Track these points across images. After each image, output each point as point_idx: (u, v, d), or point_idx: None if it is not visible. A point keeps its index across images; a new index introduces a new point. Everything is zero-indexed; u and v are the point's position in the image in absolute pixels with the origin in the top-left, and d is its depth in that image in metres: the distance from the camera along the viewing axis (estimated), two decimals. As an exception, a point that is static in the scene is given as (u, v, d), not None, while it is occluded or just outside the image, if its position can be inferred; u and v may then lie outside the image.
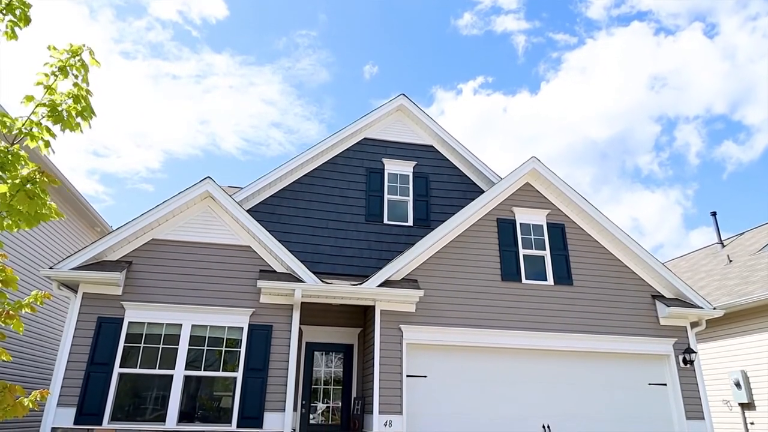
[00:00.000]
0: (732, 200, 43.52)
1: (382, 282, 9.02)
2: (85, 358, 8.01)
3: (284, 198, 11.11)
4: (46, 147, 3.05)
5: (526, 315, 9.59)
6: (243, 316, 8.70)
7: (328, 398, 10.13)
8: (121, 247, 8.73)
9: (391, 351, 8.82)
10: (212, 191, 9.13)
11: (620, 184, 51.93)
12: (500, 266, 9.89)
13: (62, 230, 11.99)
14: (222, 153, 47.24)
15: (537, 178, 10.69)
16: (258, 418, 8.16)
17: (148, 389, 8.27)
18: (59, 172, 10.65)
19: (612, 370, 9.73)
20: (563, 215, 10.61)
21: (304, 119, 48.40)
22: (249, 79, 44.54)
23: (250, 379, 8.36)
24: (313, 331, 10.22)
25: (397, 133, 12.27)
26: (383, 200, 11.53)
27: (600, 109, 45.35)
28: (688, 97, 43.02)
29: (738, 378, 12.25)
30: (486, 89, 48.73)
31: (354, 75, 45.21)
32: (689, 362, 9.72)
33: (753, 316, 12.29)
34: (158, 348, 8.34)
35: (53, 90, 3.12)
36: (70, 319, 8.23)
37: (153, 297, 8.55)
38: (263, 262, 9.11)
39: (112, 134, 42.99)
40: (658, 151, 47.09)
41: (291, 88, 45.32)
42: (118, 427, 7.78)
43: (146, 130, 44.26)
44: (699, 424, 9.41)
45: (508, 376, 9.34)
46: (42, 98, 3.09)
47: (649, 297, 10.23)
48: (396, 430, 8.34)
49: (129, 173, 44.91)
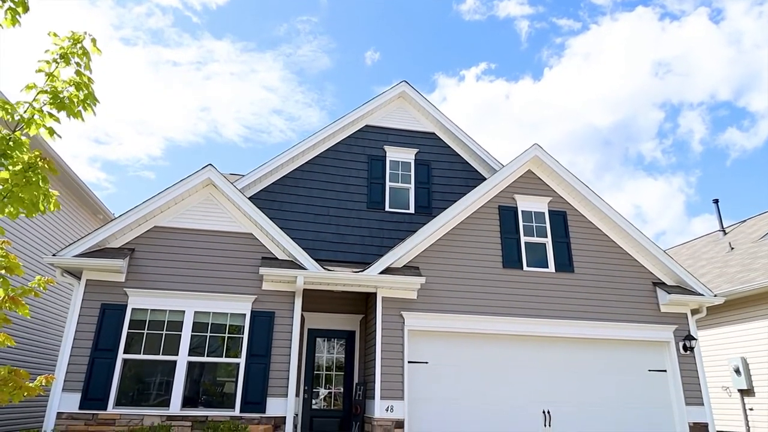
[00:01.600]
0: (735, 187, 43.40)
1: (384, 269, 9.05)
2: (89, 344, 8.09)
3: (286, 185, 11.12)
4: (51, 134, 3.05)
5: (527, 302, 9.63)
6: (245, 302, 8.75)
7: (330, 384, 10.23)
8: (123, 235, 8.76)
9: (392, 337, 8.88)
10: (214, 178, 9.13)
11: (623, 172, 51.80)
12: (501, 254, 9.91)
13: (65, 218, 12.02)
14: (223, 140, 47.18)
15: (539, 165, 10.66)
16: (261, 403, 8.26)
17: (152, 375, 8.36)
18: (61, 159, 10.65)
19: (612, 357, 9.79)
20: (565, 202, 10.60)
21: (306, 106, 48.23)
22: (250, 65, 44.32)
23: (252, 365, 8.44)
24: (315, 318, 10.29)
25: (398, 120, 12.23)
26: (385, 187, 11.53)
27: (603, 96, 45.08)
28: (692, 84, 42.71)
29: (738, 365, 12.32)
30: (489, 75, 48.42)
31: (355, 61, 44.94)
32: (689, 349, 9.78)
33: (754, 304, 12.32)
34: (161, 334, 8.41)
35: (55, 77, 3.11)
36: (74, 305, 8.29)
37: (156, 284, 8.60)
38: (265, 249, 9.14)
39: (113, 121, 42.91)
40: (661, 137, 46.89)
41: (292, 75, 45.10)
42: (122, 411, 7.88)
43: (147, 117, 44.17)
44: (698, 409, 9.49)
45: (508, 362, 9.41)
46: (44, 85, 3.08)
47: (650, 284, 10.26)
48: (397, 415, 8.43)
49: (130, 161, 44.92)
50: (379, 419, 8.35)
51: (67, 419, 7.69)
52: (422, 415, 8.73)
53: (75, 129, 41.42)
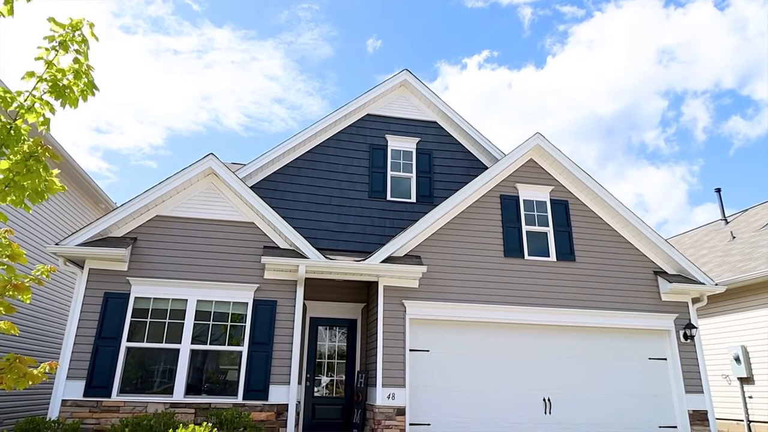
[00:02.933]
0: (738, 177, 43.26)
1: (385, 258, 9.07)
2: (92, 332, 8.15)
3: (287, 174, 11.11)
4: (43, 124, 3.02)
5: (528, 291, 9.65)
6: (248, 291, 8.79)
7: (332, 372, 10.30)
8: (125, 224, 8.79)
9: (394, 326, 8.92)
10: (215, 168, 9.13)
11: (625, 160, 51.63)
12: (503, 242, 9.92)
13: (67, 207, 12.05)
14: (224, 129, 47.07)
15: (541, 154, 10.63)
16: (263, 391, 8.33)
17: (156, 363, 8.42)
18: (62, 148, 10.64)
19: (613, 345, 9.83)
20: (567, 192, 10.59)
21: (307, 95, 48.03)
22: (251, 54, 44.10)
23: (255, 353, 8.50)
24: (317, 306, 10.34)
25: (400, 109, 12.19)
26: (386, 177, 11.52)
27: (606, 84, 44.79)
28: (696, 72, 42.40)
29: (738, 353, 12.36)
30: (491, 63, 48.12)
31: (357, 49, 44.67)
32: (690, 337, 9.81)
33: (754, 292, 12.34)
34: (164, 323, 8.47)
35: (54, 65, 3.09)
36: (77, 294, 8.34)
37: (158, 273, 8.64)
38: (267, 239, 9.16)
39: (113, 110, 42.82)
40: (664, 126, 46.66)
41: (293, 63, 44.87)
42: (126, 399, 7.96)
43: (148, 106, 44.05)
44: (698, 397, 9.54)
45: (509, 350, 9.46)
46: (43, 74, 3.06)
47: (651, 273, 10.27)
48: (399, 402, 8.49)
49: (132, 150, 44.89)
50: (380, 406, 8.42)
51: (72, 406, 7.77)
52: (424, 403, 8.80)
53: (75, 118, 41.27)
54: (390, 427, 8.33)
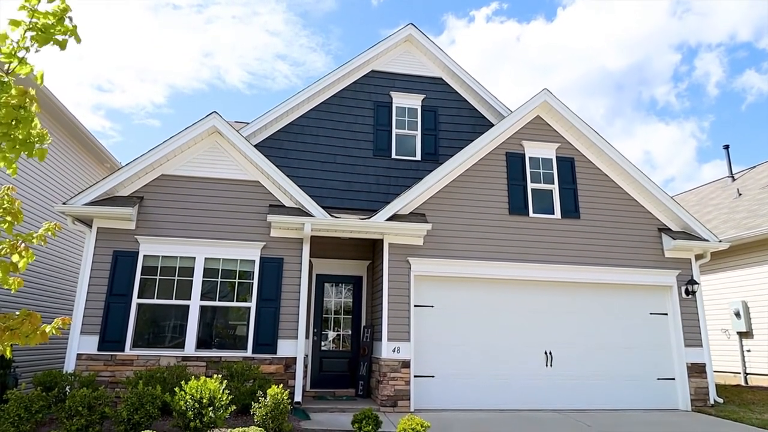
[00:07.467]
0: (749, 133, 42.60)
1: (391, 216, 9.12)
2: (104, 289, 8.32)
3: (291, 133, 11.04)
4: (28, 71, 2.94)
5: (532, 248, 9.72)
6: (254, 249, 8.90)
7: (339, 327, 10.54)
8: (131, 183, 8.82)
9: (399, 282, 9.06)
10: (219, 126, 9.07)
11: (634, 117, 50.82)
12: (508, 200, 9.93)
13: (72, 167, 12.06)
14: (227, 87, 46.42)
15: (548, 111, 10.48)
16: (272, 345, 8.56)
17: (166, 318, 8.63)
18: (64, 107, 10.55)
19: (615, 301, 9.98)
20: (573, 149, 10.49)
21: (310, 51, 47.04)
22: (252, 8, 42.91)
23: (263, 309, 8.69)
24: (323, 264, 10.47)
25: (405, 65, 11.96)
26: (391, 134, 11.43)
27: (618, 37, 43.57)
28: (711, 24, 41.11)
29: (738, 308, 12.54)
30: (499, 16, 46.77)
31: (361, 2, 43.38)
32: (692, 293, 9.93)
33: (758, 249, 12.40)
34: (174, 280, 8.63)
35: (39, 13, 2.98)
36: (87, 252, 8.48)
37: (165, 231, 8.74)
38: (272, 197, 9.20)
39: (114, 68, 42.16)
40: (676, 81, 45.65)
41: (296, 18, 43.71)
42: (139, 353, 8.20)
43: (149, 64, 43.33)
44: (697, 351, 9.74)
45: (513, 306, 9.62)
46: (30, 23, 2.97)
47: (656, 230, 10.30)
48: (404, 355, 8.72)
49: (134, 108, 44.47)
50: (386, 359, 8.65)
51: (87, 360, 8.03)
52: (428, 356, 9.04)
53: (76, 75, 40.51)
54: (395, 378, 8.59)
